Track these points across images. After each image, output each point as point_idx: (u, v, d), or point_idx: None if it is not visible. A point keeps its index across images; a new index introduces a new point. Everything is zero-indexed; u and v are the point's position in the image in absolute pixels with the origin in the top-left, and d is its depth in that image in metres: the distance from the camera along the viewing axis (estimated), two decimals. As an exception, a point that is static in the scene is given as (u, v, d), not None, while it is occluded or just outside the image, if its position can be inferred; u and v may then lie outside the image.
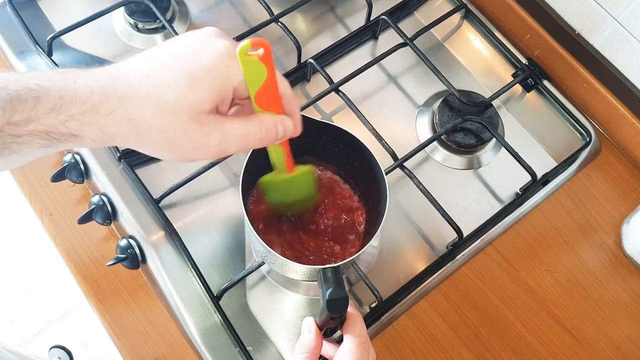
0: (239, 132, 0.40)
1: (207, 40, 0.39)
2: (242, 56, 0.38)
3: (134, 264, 0.63)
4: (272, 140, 0.42)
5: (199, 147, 0.39)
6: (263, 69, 0.39)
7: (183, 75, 0.37)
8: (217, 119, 0.39)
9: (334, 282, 0.49)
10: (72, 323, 1.51)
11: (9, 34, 0.73)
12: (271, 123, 0.42)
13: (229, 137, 0.39)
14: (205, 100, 0.38)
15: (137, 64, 0.38)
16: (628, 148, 0.77)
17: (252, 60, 0.39)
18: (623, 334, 0.67)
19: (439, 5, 0.84)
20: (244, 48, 0.38)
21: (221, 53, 0.38)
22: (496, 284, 0.68)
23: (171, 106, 0.37)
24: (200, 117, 0.38)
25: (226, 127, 0.39)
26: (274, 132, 0.42)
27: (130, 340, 0.63)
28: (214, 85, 0.38)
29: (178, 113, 0.37)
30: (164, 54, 0.39)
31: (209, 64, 0.38)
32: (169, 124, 0.37)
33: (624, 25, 0.70)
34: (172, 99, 0.37)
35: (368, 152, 0.58)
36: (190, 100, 0.37)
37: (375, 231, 0.56)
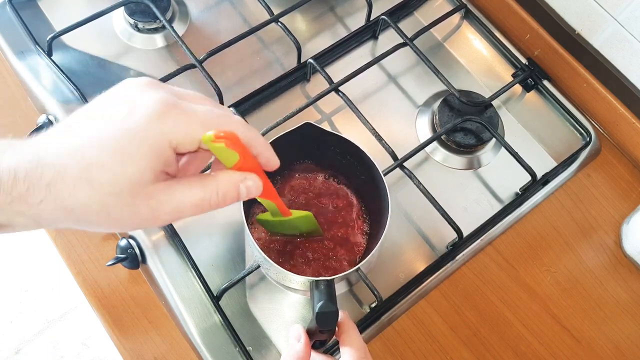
0: (192, 200, 0.36)
1: (134, 98, 0.34)
2: (209, 143, 0.35)
3: (134, 264, 0.63)
4: (232, 202, 0.38)
5: (148, 220, 0.35)
6: (234, 154, 0.37)
7: (112, 151, 0.32)
8: (164, 187, 0.35)
9: (326, 295, 0.49)
10: (72, 323, 1.51)
11: (9, 34, 0.74)
12: (230, 185, 0.37)
13: (180, 207, 0.35)
14: (144, 172, 0.33)
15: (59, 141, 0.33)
16: (628, 148, 0.77)
17: (220, 147, 0.36)
18: (623, 334, 0.67)
19: (439, 5, 0.84)
20: (209, 138, 0.35)
21: (150, 115, 0.33)
22: (496, 284, 0.68)
23: (107, 187, 0.33)
24: (144, 190, 0.34)
25: (177, 196, 0.35)
26: (234, 195, 0.38)
27: (130, 340, 0.63)
28: (149, 154, 0.33)
29: (117, 193, 0.33)
30: (87, 125, 0.34)
31: (139, 133, 0.33)
32: (110, 205, 0.33)
33: (624, 25, 0.70)
34: (106, 180, 0.32)
35: (374, 167, 0.58)
36: (128, 176, 0.33)
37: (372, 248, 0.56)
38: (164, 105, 0.34)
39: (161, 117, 0.33)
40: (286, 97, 0.74)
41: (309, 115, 0.73)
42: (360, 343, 0.48)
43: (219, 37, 0.75)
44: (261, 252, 0.54)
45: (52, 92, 0.70)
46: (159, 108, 0.33)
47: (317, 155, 0.63)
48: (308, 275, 0.59)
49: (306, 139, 0.60)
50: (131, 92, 0.35)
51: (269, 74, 0.74)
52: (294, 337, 0.49)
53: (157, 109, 0.33)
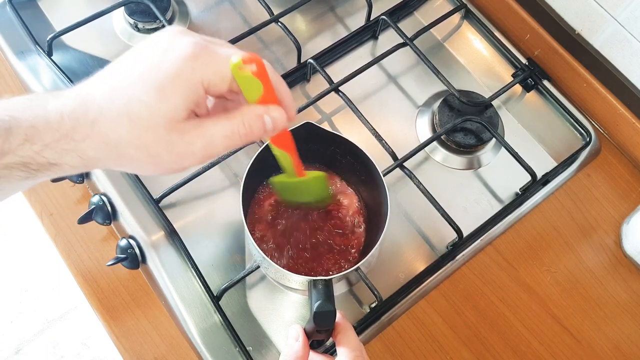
0: (223, 132, 0.38)
1: (169, 43, 0.37)
2: (236, 71, 0.37)
3: (134, 264, 0.63)
4: (260, 134, 0.40)
5: (183, 157, 0.38)
6: (258, 84, 0.39)
7: (150, 87, 0.35)
8: (197, 123, 0.38)
9: (324, 294, 0.49)
10: (72, 323, 1.51)
11: (9, 34, 0.73)
12: (254, 116, 0.39)
13: (213, 140, 0.38)
14: (178, 109, 0.36)
15: (103, 82, 0.37)
16: (628, 148, 0.77)
17: (246, 76, 0.38)
18: (623, 334, 0.67)
19: (439, 5, 0.84)
20: (237, 65, 0.37)
21: (185, 55, 0.36)
22: (496, 284, 0.68)
23: (145, 121, 0.36)
24: (178, 126, 0.37)
25: (208, 130, 0.38)
26: (260, 125, 0.40)
27: (130, 340, 0.63)
28: (182, 91, 0.36)
29: (154, 127, 0.36)
30: (128, 66, 0.37)
31: (173, 71, 0.36)
32: (148, 139, 0.36)
33: (624, 25, 0.70)
34: (143, 114, 0.35)
35: (374, 167, 0.58)
36: (163, 111, 0.36)
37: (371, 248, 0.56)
38: (197, 46, 0.36)
39: (194, 57, 0.36)
40: (286, 97, 0.74)
41: (309, 115, 0.73)
42: (356, 343, 0.48)
43: (219, 37, 0.75)
44: (261, 252, 0.54)
45: (52, 92, 0.70)
46: (192, 49, 0.36)
47: (317, 155, 0.63)
48: (307, 274, 0.59)
49: (306, 138, 0.60)
50: (167, 37, 0.37)
51: (269, 74, 0.74)
52: (293, 336, 0.49)
53: (190, 50, 0.36)
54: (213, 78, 0.37)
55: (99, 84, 0.37)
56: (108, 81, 0.37)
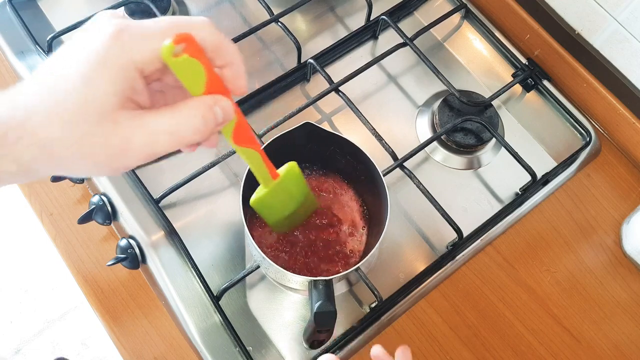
0: (167, 127, 0.34)
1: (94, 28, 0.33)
2: (170, 60, 0.33)
3: (134, 264, 0.63)
4: (211, 128, 0.35)
5: (121, 152, 0.33)
6: (198, 66, 0.34)
7: (74, 76, 0.32)
8: (135, 115, 0.33)
9: (324, 295, 0.49)
10: (72, 323, 1.51)
11: (9, 34, 0.73)
12: (204, 107, 0.35)
13: (155, 136, 0.34)
14: (107, 95, 0.32)
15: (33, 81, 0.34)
16: (628, 148, 0.77)
17: (183, 61, 0.33)
18: (623, 334, 0.67)
19: (439, 5, 0.84)
20: (168, 50, 0.32)
21: (108, 35, 0.32)
22: (496, 284, 0.68)
23: (73, 114, 0.32)
24: (111, 115, 0.32)
25: (149, 124, 0.33)
26: (211, 117, 0.35)
27: (130, 340, 0.63)
28: (110, 74, 0.32)
29: (84, 120, 0.32)
30: (56, 61, 0.34)
31: (97, 53, 0.32)
32: (79, 134, 0.32)
33: (624, 25, 0.70)
34: (71, 106, 0.32)
35: (374, 167, 0.58)
36: (91, 100, 0.32)
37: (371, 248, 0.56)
38: (122, 25, 0.33)
39: (118, 35, 0.33)
40: (286, 97, 0.74)
41: (309, 115, 0.73)
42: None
43: (219, 37, 0.75)
44: (261, 252, 0.54)
45: (52, 92, 0.70)
46: (116, 29, 0.33)
47: (316, 155, 0.63)
48: (307, 274, 0.59)
49: (306, 138, 0.60)
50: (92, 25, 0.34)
51: (269, 74, 0.74)
52: None
53: (114, 30, 0.33)
54: (145, 56, 0.33)
55: (30, 84, 0.34)
56: (38, 79, 0.34)
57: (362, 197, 0.65)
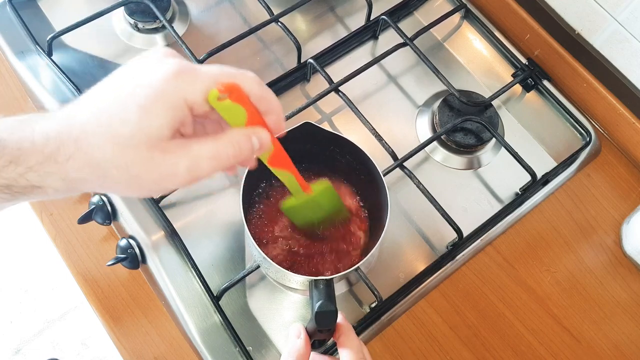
0: (208, 153, 0.37)
1: (153, 63, 0.37)
2: (215, 103, 0.37)
3: (134, 264, 0.63)
4: (248, 156, 0.39)
5: (166, 178, 0.36)
6: (241, 110, 0.38)
7: (133, 105, 0.35)
8: (181, 143, 0.37)
9: (325, 294, 0.49)
10: (72, 323, 1.51)
11: (9, 34, 0.73)
12: (243, 137, 0.39)
13: (198, 161, 0.37)
14: (162, 127, 0.35)
15: (88, 102, 0.37)
16: (628, 148, 0.77)
17: (226, 105, 0.37)
18: (623, 334, 0.67)
19: (439, 5, 0.84)
20: (213, 96, 0.36)
21: (168, 74, 0.36)
22: (496, 284, 0.68)
23: (127, 140, 0.35)
24: (161, 145, 0.36)
25: (193, 150, 0.37)
26: (248, 147, 0.39)
27: (130, 340, 0.63)
28: (166, 109, 0.35)
29: (136, 146, 0.35)
30: (113, 86, 0.37)
31: (156, 88, 0.35)
32: (130, 159, 0.35)
33: (624, 25, 0.70)
34: (126, 132, 0.35)
35: (374, 167, 0.58)
36: (145, 129, 0.35)
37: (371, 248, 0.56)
38: (180, 66, 0.36)
39: (177, 75, 0.36)
40: (286, 97, 0.74)
41: (309, 115, 0.73)
42: (358, 344, 0.48)
43: (219, 37, 0.75)
44: (261, 252, 0.54)
45: (52, 92, 0.70)
46: (176, 68, 0.36)
47: (316, 155, 0.63)
48: (307, 274, 0.59)
49: (306, 138, 0.60)
50: (151, 59, 0.37)
51: (269, 74, 0.74)
52: (294, 334, 0.50)
53: (174, 69, 0.36)
54: (197, 96, 0.36)
55: (84, 105, 0.36)
56: (93, 101, 0.36)
57: (362, 197, 0.65)
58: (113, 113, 0.35)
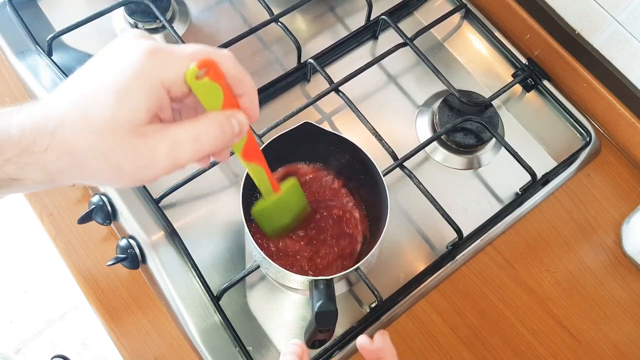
0: (188, 136, 0.36)
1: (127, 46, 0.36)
2: (192, 82, 0.35)
3: (134, 264, 0.63)
4: (229, 139, 0.38)
5: (147, 164, 0.35)
6: (217, 89, 0.37)
7: (108, 90, 0.34)
8: (159, 127, 0.35)
9: (325, 294, 0.49)
10: (72, 323, 1.51)
11: (9, 34, 0.73)
12: (223, 119, 0.37)
13: (178, 144, 0.35)
14: (139, 110, 0.34)
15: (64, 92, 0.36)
16: (628, 148, 0.77)
17: (204, 84, 0.36)
18: (623, 334, 0.67)
19: (439, 5, 0.84)
20: (191, 73, 0.35)
21: (142, 55, 0.34)
22: (496, 284, 0.68)
23: (104, 125, 0.34)
24: (139, 129, 0.34)
25: (172, 134, 0.35)
26: (229, 129, 0.37)
27: (130, 340, 0.63)
28: (142, 92, 0.34)
29: (114, 131, 0.34)
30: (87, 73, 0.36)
31: (132, 70, 0.34)
32: (108, 146, 0.34)
33: (624, 25, 0.70)
34: (102, 118, 0.34)
35: (374, 167, 0.58)
36: (122, 113, 0.34)
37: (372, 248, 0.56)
38: (155, 46, 0.35)
39: (152, 55, 0.35)
40: (286, 97, 0.74)
41: (309, 115, 0.73)
42: None
43: (219, 37, 0.75)
44: (261, 252, 0.54)
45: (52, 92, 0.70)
46: (149, 49, 0.35)
47: (316, 155, 0.63)
48: (307, 274, 0.59)
49: (305, 138, 0.60)
50: (124, 41, 0.36)
51: (269, 74, 0.74)
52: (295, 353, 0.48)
53: (148, 50, 0.35)
54: (174, 77, 0.35)
55: (60, 95, 0.36)
56: (68, 91, 0.36)
57: (362, 197, 0.65)
58: (89, 100, 0.34)
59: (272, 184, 0.50)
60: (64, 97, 0.35)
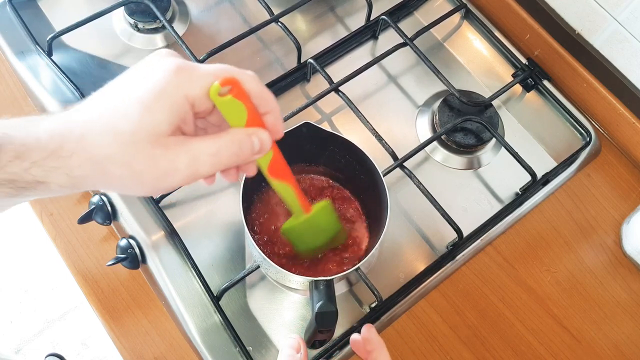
0: (208, 150, 0.38)
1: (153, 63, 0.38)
2: (216, 98, 0.37)
3: (134, 264, 0.63)
4: (248, 155, 0.39)
5: (167, 174, 0.37)
6: (241, 106, 0.38)
7: (134, 102, 0.36)
8: (181, 140, 0.37)
9: (325, 295, 0.49)
10: (72, 323, 1.51)
11: (9, 34, 0.73)
12: (244, 136, 0.39)
13: (198, 157, 0.37)
14: (162, 123, 0.36)
15: (92, 102, 0.37)
16: (628, 148, 0.77)
17: (227, 101, 0.37)
18: (623, 334, 0.67)
19: (439, 5, 0.84)
20: (214, 90, 0.37)
21: (169, 71, 0.36)
22: (496, 284, 0.68)
23: (128, 136, 0.35)
24: (162, 140, 0.36)
25: (193, 147, 0.37)
26: (248, 146, 0.39)
27: (130, 340, 0.63)
28: (167, 104, 0.36)
29: (138, 142, 0.36)
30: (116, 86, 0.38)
31: (158, 85, 0.36)
32: (131, 155, 0.36)
33: (624, 25, 0.70)
34: (127, 128, 0.35)
35: (374, 167, 0.58)
36: (146, 125, 0.36)
37: (371, 248, 0.56)
38: (181, 63, 0.37)
39: (177, 71, 0.37)
40: (286, 97, 0.74)
41: (309, 115, 0.73)
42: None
43: (219, 37, 0.75)
44: (261, 252, 0.54)
45: (52, 92, 0.70)
46: (176, 66, 0.37)
47: (316, 155, 0.63)
48: (307, 275, 0.59)
49: (305, 138, 0.60)
50: (152, 59, 0.38)
51: (269, 74, 0.74)
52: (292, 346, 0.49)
53: (174, 66, 0.37)
54: (198, 93, 0.37)
55: (88, 105, 0.37)
56: (96, 102, 0.37)
57: (361, 197, 0.65)
58: (115, 111, 0.36)
59: (301, 204, 0.50)
60: (91, 107, 0.37)
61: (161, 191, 0.38)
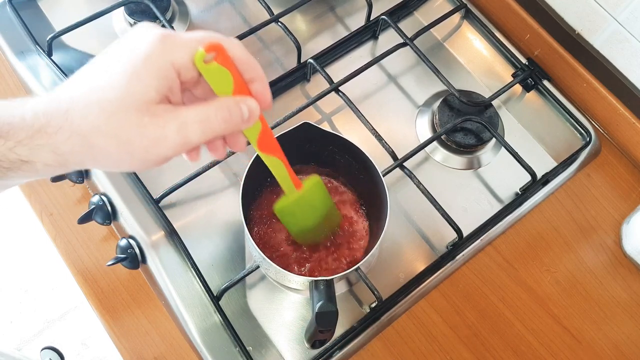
0: (198, 117, 0.37)
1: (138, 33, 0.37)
2: (201, 65, 0.37)
3: (134, 264, 0.63)
4: (238, 122, 0.39)
5: (156, 142, 0.36)
6: (226, 73, 0.37)
7: (120, 71, 0.35)
8: (169, 108, 0.36)
9: (325, 295, 0.49)
10: (72, 323, 1.51)
11: (9, 34, 0.74)
12: (232, 103, 0.38)
13: (187, 124, 0.36)
14: (148, 90, 0.35)
15: (77, 78, 0.37)
16: (628, 148, 0.77)
17: (213, 68, 0.37)
18: (623, 334, 0.67)
19: (439, 5, 0.84)
20: (199, 56, 0.36)
21: (154, 39, 0.36)
22: (496, 284, 0.68)
23: (114, 104, 0.35)
24: (149, 108, 0.35)
25: (182, 115, 0.36)
26: (237, 113, 0.38)
27: (130, 340, 0.63)
28: (153, 72, 0.35)
29: (123, 110, 0.35)
30: (99, 60, 0.37)
31: (144, 52, 0.35)
32: (118, 124, 0.35)
33: (624, 25, 0.70)
34: (114, 96, 0.35)
35: (373, 167, 0.58)
36: (132, 92, 0.35)
37: (371, 248, 0.56)
38: (166, 32, 0.37)
39: (162, 39, 0.36)
40: (286, 97, 0.74)
41: (309, 115, 0.73)
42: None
43: (219, 37, 0.75)
44: (261, 252, 0.54)
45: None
46: (160, 34, 0.36)
47: (316, 155, 0.63)
48: (308, 275, 0.59)
49: (305, 138, 0.60)
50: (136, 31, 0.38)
51: (269, 74, 0.74)
52: None
53: (159, 35, 0.36)
54: (184, 60, 0.36)
55: (74, 80, 0.37)
56: (81, 77, 0.37)
57: (361, 197, 0.65)
58: (101, 82, 0.36)
59: (292, 180, 0.50)
60: (78, 82, 0.37)
61: (152, 163, 0.37)
